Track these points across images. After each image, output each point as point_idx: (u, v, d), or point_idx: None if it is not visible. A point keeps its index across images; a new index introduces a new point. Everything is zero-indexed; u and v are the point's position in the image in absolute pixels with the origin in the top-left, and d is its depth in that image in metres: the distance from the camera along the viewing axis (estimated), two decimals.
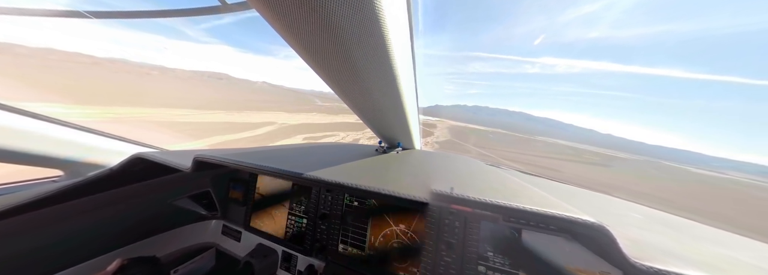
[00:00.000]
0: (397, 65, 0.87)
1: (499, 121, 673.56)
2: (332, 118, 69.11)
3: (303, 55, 0.81)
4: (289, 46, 0.78)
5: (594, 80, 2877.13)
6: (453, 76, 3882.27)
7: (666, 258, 0.71)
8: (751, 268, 0.70)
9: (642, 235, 0.86)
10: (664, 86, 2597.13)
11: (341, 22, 0.62)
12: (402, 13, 0.80)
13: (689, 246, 0.84)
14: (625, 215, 1.12)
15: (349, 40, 0.69)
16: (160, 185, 1.47)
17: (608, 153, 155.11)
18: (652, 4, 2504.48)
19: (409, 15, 0.89)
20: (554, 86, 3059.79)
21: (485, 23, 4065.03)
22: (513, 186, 1.08)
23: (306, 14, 0.60)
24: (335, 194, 1.21)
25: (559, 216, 0.79)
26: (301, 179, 1.15)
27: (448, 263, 0.96)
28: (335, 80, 0.93)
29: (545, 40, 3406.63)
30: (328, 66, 0.83)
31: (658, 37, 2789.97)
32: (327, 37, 0.68)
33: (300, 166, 1.23)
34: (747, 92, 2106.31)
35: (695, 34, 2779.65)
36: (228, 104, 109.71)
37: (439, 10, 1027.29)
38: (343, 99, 1.13)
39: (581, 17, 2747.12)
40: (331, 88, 1.05)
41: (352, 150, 1.82)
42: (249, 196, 1.49)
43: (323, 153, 1.67)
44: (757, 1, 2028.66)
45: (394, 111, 1.21)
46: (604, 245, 0.74)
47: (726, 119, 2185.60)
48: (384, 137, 1.76)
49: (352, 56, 0.75)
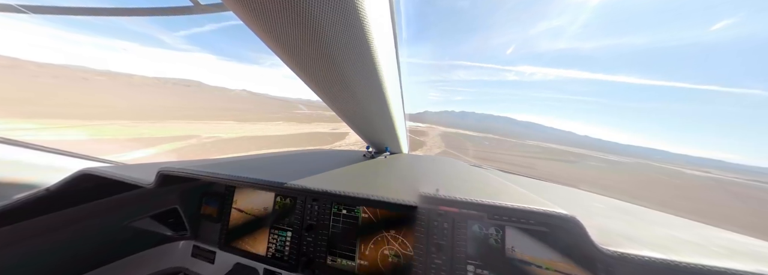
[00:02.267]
0: (383, 71, 0.91)
1: (487, 125, 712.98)
2: (301, 127, 62.89)
3: (288, 62, 0.81)
4: (275, 54, 0.78)
5: (566, 86, 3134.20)
6: (439, 83, 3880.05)
7: (626, 242, 0.80)
8: (690, 245, 0.83)
9: (605, 223, 0.97)
10: (624, 91, 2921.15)
11: (327, 30, 0.62)
12: (386, 21, 0.84)
13: (643, 229, 0.96)
14: (590, 205, 1.24)
15: (335, 48, 0.70)
16: (114, 205, 1.30)
17: (582, 152, 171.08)
18: (605, 21, 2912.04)
19: (393, 24, 0.94)
20: (533, 92, 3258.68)
21: (466, 34, 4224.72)
22: (495, 185, 1.15)
23: (289, 19, 0.58)
24: (322, 203, 1.18)
25: (536, 210, 0.85)
26: (284, 190, 1.10)
27: (438, 265, 0.98)
28: (322, 87, 0.94)
29: (521, 50, 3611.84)
30: (314, 73, 0.84)
31: (616, 48, 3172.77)
32: (312, 44, 0.69)
33: (283, 175, 1.18)
34: (689, 95, 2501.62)
35: (646, 45, 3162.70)
36: (180, 112, 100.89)
37: (421, 20, 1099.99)
38: (331, 106, 1.13)
39: (550, 30, 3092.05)
40: (318, 95, 1.05)
41: (339, 156, 1.79)
42: (225, 211, 1.38)
43: (308, 160, 1.63)
44: (691, 19, 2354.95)
45: (381, 116, 1.23)
46: (576, 235, 0.81)
47: (673, 118, 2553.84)
48: (372, 143, 1.78)
49: (339, 63, 0.77)
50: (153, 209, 1.38)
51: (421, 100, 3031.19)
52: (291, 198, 1.25)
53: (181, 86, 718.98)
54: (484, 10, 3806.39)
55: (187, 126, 54.43)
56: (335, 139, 38.94)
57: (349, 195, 1.03)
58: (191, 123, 63.52)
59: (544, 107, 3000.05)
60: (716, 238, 0.92)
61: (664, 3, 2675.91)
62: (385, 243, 1.09)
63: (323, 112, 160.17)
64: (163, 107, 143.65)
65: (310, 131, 53.08)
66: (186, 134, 41.79)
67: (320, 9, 0.57)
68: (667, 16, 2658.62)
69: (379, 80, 0.93)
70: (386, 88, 1.00)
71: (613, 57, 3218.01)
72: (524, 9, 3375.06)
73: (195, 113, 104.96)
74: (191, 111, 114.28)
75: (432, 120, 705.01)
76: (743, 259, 0.73)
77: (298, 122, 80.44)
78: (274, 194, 1.29)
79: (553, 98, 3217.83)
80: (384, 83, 0.97)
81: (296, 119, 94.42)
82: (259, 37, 0.71)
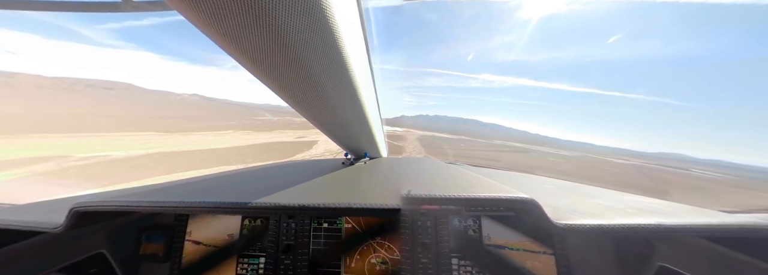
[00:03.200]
0: (357, 77, 0.92)
1: (458, 127, 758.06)
2: (256, 137, 50.28)
3: (250, 68, 0.76)
4: (233, 59, 0.72)
5: (519, 92, 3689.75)
6: (413, 89, 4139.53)
7: (570, 214, 0.99)
8: (613, 210, 1.06)
9: (556, 201, 1.16)
10: (560, 96, 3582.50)
11: (293, 34, 0.59)
12: (356, 28, 0.87)
13: (582, 203, 1.18)
14: (544, 188, 1.45)
15: (303, 52, 0.68)
16: (4, 259, 0.96)
17: (535, 147, 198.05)
18: (543, 38, 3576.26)
19: (364, 31, 0.97)
20: (493, 98, 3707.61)
21: (436, 44, 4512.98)
22: (469, 179, 1.25)
23: (248, 22, 0.53)
24: (300, 219, 1.11)
25: (505, 197, 0.98)
26: (252, 210, 1.00)
27: (425, 264, 1.01)
28: (291, 94, 0.91)
29: (482, 60, 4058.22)
30: (282, 80, 0.81)
31: (553, 61, 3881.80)
32: (278, 50, 0.65)
33: (249, 194, 1.08)
34: (601, 99, 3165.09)
35: (573, 59, 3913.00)
36: (74, 121, 78.49)
37: (392, 29, 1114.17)
38: (303, 113, 1.09)
39: (504, 44, 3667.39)
40: (288, 102, 1.00)
41: (316, 167, 1.70)
42: (175, 247, 1.16)
43: (280, 174, 1.50)
44: (603, 37, 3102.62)
45: (358, 122, 1.23)
46: (536, 215, 0.96)
47: (594, 118, 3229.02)
48: (350, 149, 1.74)
49: (309, 69, 0.76)
50: (66, 258, 1.07)
51: (398, 105, 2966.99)
52: (262, 219, 1.14)
53: (99, 89, 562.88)
54: (450, 23, 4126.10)
55: (65, 141, 40.14)
56: (299, 149, 32.07)
57: (330, 207, 1.00)
58: (73, 137, 46.45)
59: (503, 110, 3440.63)
60: (631, 201, 1.19)
61: (585, 27, 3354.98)
62: (371, 251, 1.07)
63: (292, 118, 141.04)
64: (51, 116, 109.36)
65: (268, 140, 42.30)
66: (48, 154, 27.79)
67: (284, 13, 0.53)
68: (585, 36, 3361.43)
69: (353, 85, 0.94)
70: (361, 93, 1.02)
71: (551, 68, 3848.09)
72: (483, 24, 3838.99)
73: (98, 122, 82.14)
74: (96, 120, 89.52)
75: (409, 124, 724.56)
76: (647, 215, 0.98)
77: (255, 130, 66.20)
78: (241, 216, 1.15)
79: (509, 103, 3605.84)
80: (359, 89, 0.98)
81: (254, 127, 79.20)
82: (211, 40, 0.63)
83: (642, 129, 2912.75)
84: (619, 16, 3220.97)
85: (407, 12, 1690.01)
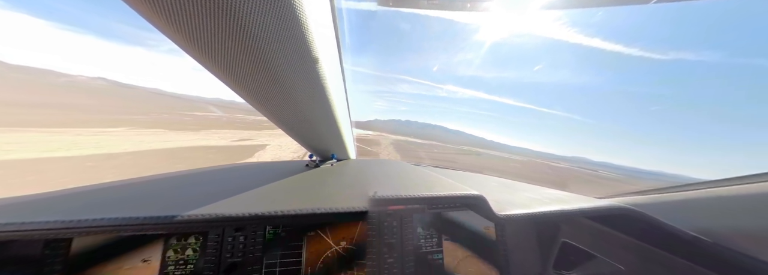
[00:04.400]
0: (327, 75, 0.87)
1: (428, 132, 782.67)
2: (167, 138, 30.80)
3: (194, 54, 0.61)
4: (169, 40, 0.58)
5: (477, 103, 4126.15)
6: (386, 94, 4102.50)
7: (508, 206, 1.17)
8: (535, 200, 1.30)
9: (498, 196, 1.34)
10: (508, 109, 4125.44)
11: (252, 18, 0.51)
12: (327, 21, 0.80)
13: (516, 196, 1.40)
14: (490, 185, 1.66)
15: (264, 41, 0.59)
16: None
17: (491, 152, 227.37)
18: (494, 58, 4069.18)
19: (335, 26, 0.90)
20: (457, 107, 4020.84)
21: (408, 53, 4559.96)
22: (431, 179, 1.33)
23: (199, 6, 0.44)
24: (251, 231, 0.94)
25: (460, 195, 1.11)
26: (182, 225, 0.81)
27: (390, 264, 1.01)
28: (249, 88, 0.79)
29: (448, 73, 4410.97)
30: (236, 71, 0.69)
31: (501, 79, 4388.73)
32: (232, 35, 0.53)
33: (179, 204, 0.87)
34: (536, 113, 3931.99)
35: (515, 78, 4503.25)
36: None
37: (366, 32, 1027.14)
38: (262, 110, 0.96)
39: (465, 60, 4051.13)
40: (245, 97, 0.87)
41: (273, 169, 1.47)
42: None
43: (225, 178, 1.25)
44: (532, 65, 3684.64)
45: (325, 122, 1.15)
46: (484, 208, 1.12)
47: (531, 129, 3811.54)
48: (315, 150, 1.59)
49: (271, 61, 0.66)
50: None
51: (370, 108, 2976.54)
52: (197, 236, 0.92)
53: None
54: (421, 35, 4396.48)
55: None
56: (231, 156, 21.15)
57: (290, 214, 0.90)
58: None
59: (464, 118, 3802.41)
60: (547, 193, 1.47)
61: (521, 54, 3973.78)
62: (335, 256, 0.99)
63: (244, 116, 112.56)
64: None
65: (187, 144, 25.77)
66: None
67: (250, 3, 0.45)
68: (521, 62, 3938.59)
69: (321, 82, 0.86)
70: (330, 91, 0.95)
71: (499, 84, 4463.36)
72: (449, 40, 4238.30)
73: None
74: None
75: (381, 128, 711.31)
76: (555, 203, 1.25)
77: (169, 128, 43.20)
78: (164, 237, 0.89)
79: (468, 112, 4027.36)
80: (327, 87, 0.91)
81: (177, 125, 52.32)
82: (143, 17, 0.49)
83: (562, 138, 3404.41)
84: (543, 49, 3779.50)
85: (382, 18, 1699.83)
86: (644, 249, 1.24)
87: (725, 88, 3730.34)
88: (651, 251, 1.23)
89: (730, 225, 1.03)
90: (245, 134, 38.16)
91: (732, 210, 1.03)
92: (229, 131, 43.44)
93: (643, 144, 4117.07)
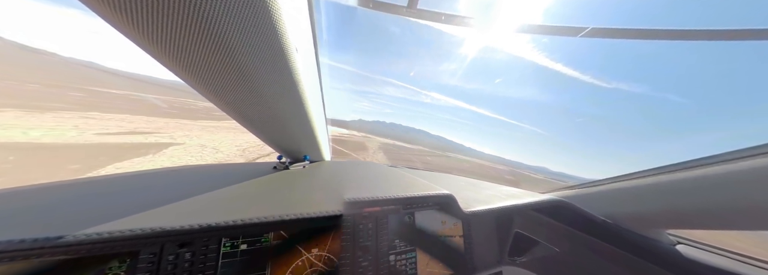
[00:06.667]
0: (299, 67, 0.76)
1: (412, 136, 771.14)
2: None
3: (133, 36, 0.49)
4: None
5: (457, 112, 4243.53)
6: (372, 95, 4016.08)
7: (473, 203, 1.28)
8: (495, 197, 1.46)
9: (465, 194, 1.45)
10: (484, 119, 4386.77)
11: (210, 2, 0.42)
12: (301, 5, 0.72)
13: (480, 193, 1.54)
14: (457, 184, 1.77)
15: (224, 24, 0.49)
16: None
17: (461, 156, 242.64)
18: (473, 72, 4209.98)
19: (312, 15, 0.84)
20: (439, 113, 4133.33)
21: (397, 57, 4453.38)
22: (406, 180, 1.37)
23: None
24: (201, 246, 0.79)
25: (432, 195, 1.17)
26: (92, 246, 0.65)
27: (365, 267, 1.00)
28: (203, 76, 0.65)
29: (433, 80, 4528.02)
30: (187, 55, 0.56)
31: (479, 90, 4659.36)
32: (184, 14, 0.44)
33: (90, 218, 0.70)
34: (508, 125, 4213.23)
35: (490, 91, 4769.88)
36: None
37: (349, 31, 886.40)
38: (221, 105, 0.82)
39: (449, 70, 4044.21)
40: (200, 91, 0.75)
41: (235, 172, 1.28)
42: None
43: (168, 184, 1.04)
44: (508, 80, 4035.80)
45: (297, 120, 1.04)
46: (453, 206, 1.20)
47: (502, 139, 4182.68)
48: (285, 151, 1.42)
49: (232, 46, 0.55)
50: None
51: (355, 108, 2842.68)
52: (122, 258, 0.70)
53: None
54: (411, 41, 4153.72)
55: None
56: (96, 161, 9.41)
57: (251, 223, 0.80)
58: None
59: (445, 125, 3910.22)
60: (505, 190, 1.67)
61: (497, 70, 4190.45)
62: (307, 266, 0.94)
63: (184, 99, 64.28)
64: None
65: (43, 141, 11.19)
66: None
67: None
68: (497, 77, 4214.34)
69: (292, 76, 0.77)
70: (303, 88, 0.86)
71: (478, 96, 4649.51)
72: (436, 49, 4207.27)
73: None
74: None
75: (366, 128, 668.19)
76: (510, 199, 1.41)
77: (40, 110, 21.10)
78: (72, 264, 0.66)
79: (450, 119, 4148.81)
80: (300, 82, 0.82)
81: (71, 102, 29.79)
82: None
83: (527, 148, 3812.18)
84: (514, 68, 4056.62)
85: (372, 18, 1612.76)
86: (571, 233, 1.52)
87: (631, 111, 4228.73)
88: (576, 234, 1.50)
89: (625, 211, 1.34)
90: (153, 125, 19.77)
91: (624, 199, 1.36)
92: (127, 116, 23.40)
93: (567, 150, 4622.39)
